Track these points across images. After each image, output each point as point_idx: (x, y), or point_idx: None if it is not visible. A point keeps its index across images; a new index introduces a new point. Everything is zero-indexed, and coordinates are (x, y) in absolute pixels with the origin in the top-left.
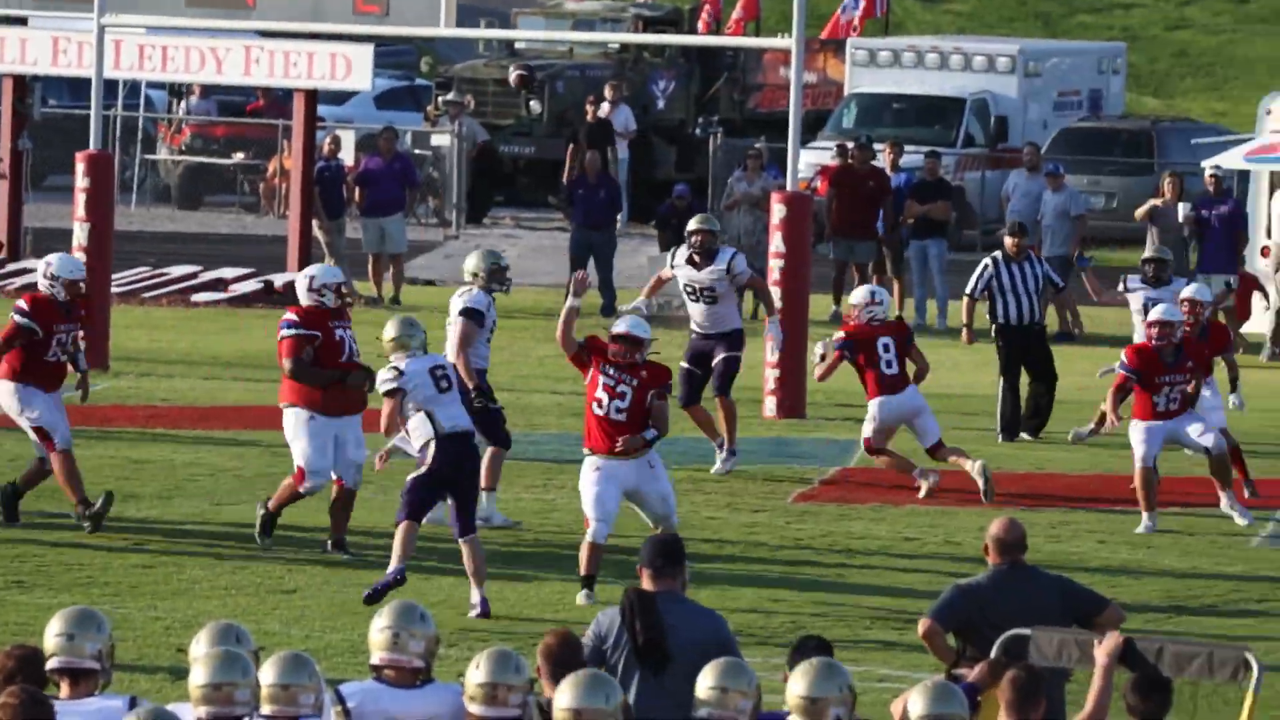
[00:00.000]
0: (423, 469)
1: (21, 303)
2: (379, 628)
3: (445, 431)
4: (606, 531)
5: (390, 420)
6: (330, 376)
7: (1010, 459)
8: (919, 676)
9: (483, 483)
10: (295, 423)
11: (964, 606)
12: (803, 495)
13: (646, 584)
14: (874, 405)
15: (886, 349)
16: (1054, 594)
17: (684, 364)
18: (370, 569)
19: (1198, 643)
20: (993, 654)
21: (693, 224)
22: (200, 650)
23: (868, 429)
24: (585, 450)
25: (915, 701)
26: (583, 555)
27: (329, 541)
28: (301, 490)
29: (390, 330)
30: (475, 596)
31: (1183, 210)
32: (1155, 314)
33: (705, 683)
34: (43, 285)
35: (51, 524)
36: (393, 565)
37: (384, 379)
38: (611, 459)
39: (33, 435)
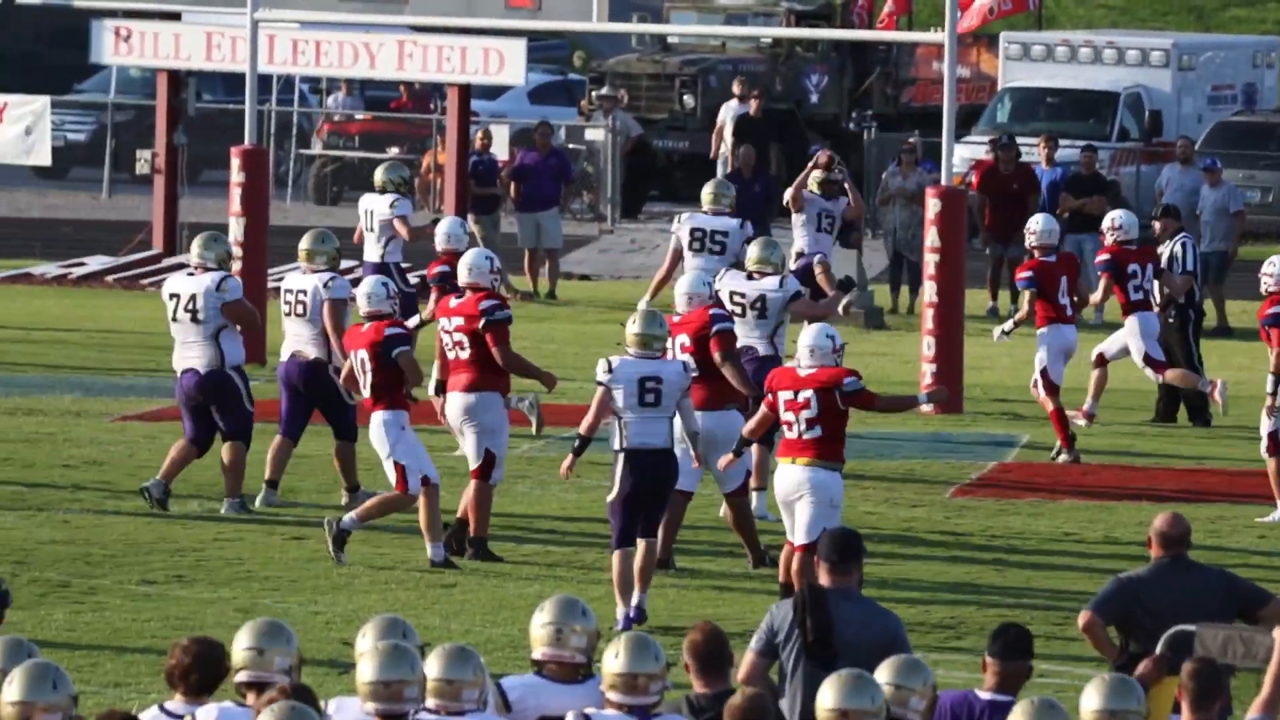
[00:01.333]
0: (615, 492)
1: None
2: (541, 623)
3: (630, 446)
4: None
5: (597, 412)
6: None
7: (1169, 453)
8: (1080, 671)
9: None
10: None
11: (1124, 599)
12: (961, 490)
13: (823, 578)
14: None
15: (1134, 274)
16: (1216, 588)
17: None
18: (525, 564)
19: None
20: (1158, 650)
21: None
22: (367, 645)
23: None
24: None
25: (1091, 696)
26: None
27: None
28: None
29: (634, 327)
30: (636, 599)
31: None
32: None
33: (880, 679)
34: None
35: (211, 518)
36: (623, 607)
37: (599, 369)
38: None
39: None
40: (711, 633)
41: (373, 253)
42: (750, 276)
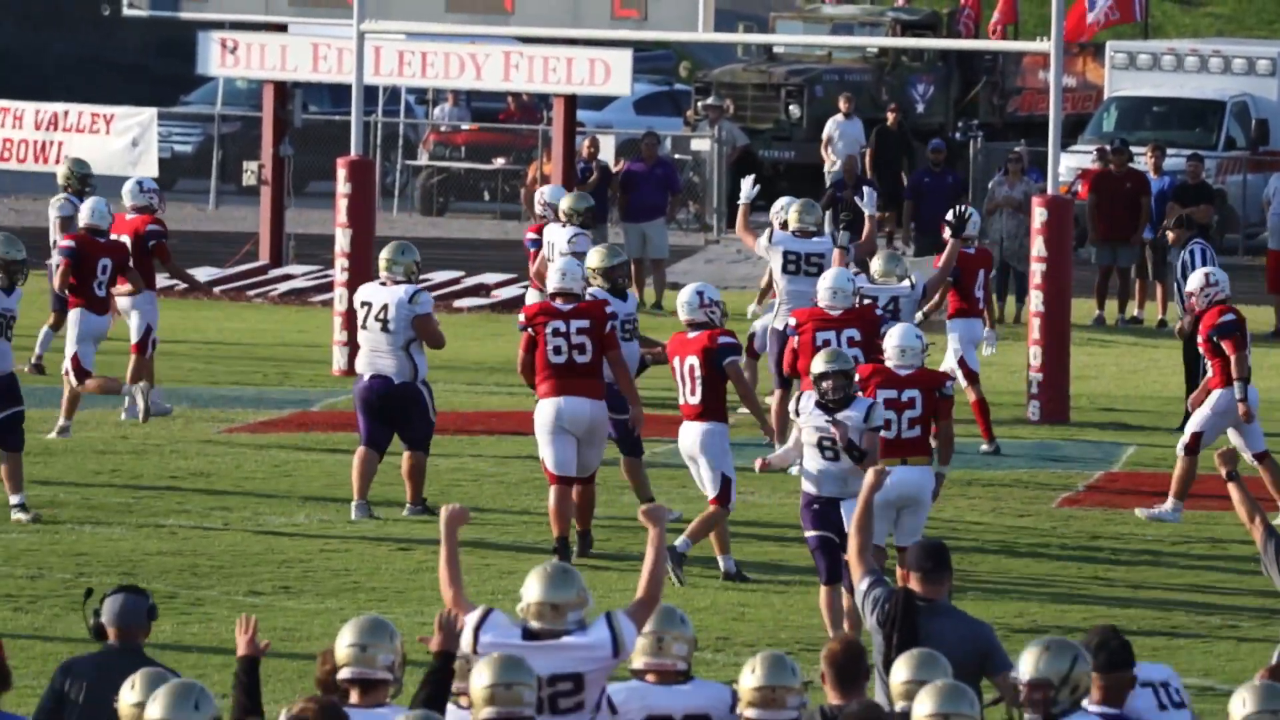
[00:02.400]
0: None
1: None
2: (640, 633)
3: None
4: None
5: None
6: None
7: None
8: (1190, 681)
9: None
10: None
11: None
12: (1067, 500)
13: (915, 587)
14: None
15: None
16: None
17: None
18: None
19: None
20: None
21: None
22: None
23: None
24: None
25: (1242, 700)
26: None
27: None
28: None
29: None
30: None
31: None
32: None
33: (924, 708)
34: None
35: (323, 532)
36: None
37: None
38: None
39: None
40: (849, 644)
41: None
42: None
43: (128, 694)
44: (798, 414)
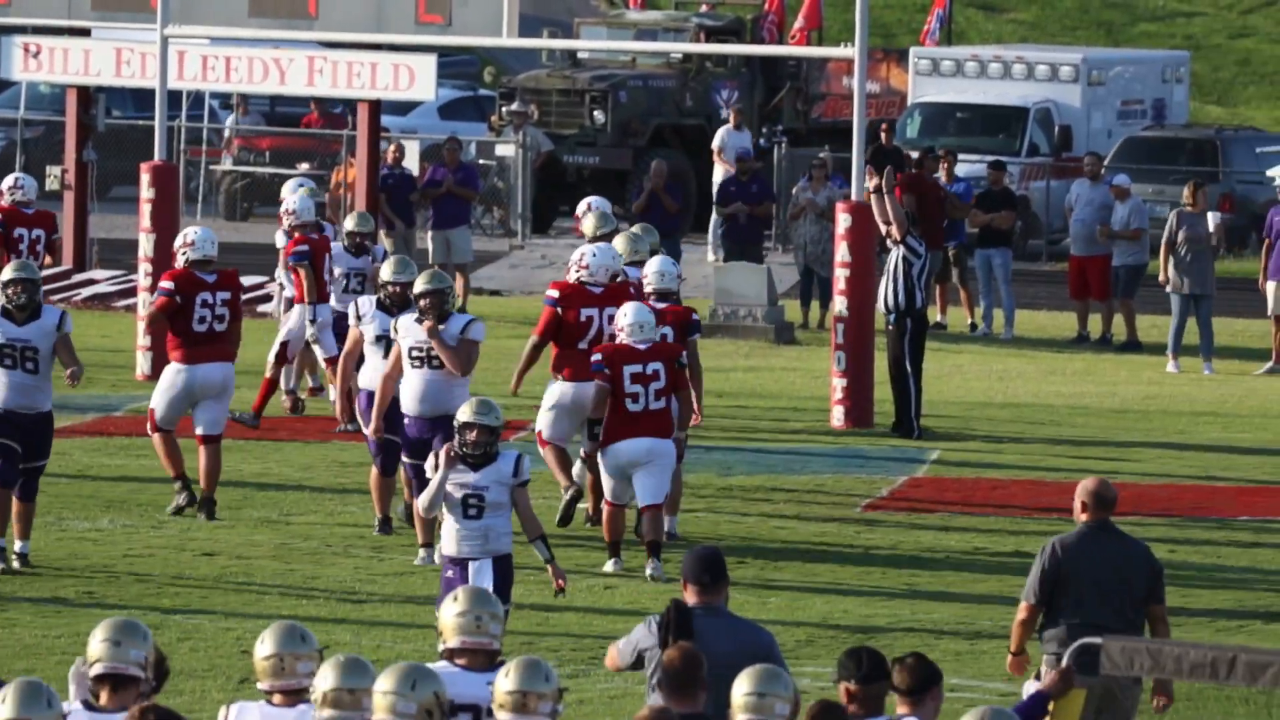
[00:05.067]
0: None
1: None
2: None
3: None
4: None
5: None
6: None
7: (1079, 469)
8: (991, 686)
9: None
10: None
11: (1054, 574)
12: (871, 505)
13: (690, 598)
14: None
15: None
16: (1141, 561)
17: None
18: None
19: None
20: (1064, 662)
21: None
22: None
23: None
24: None
25: None
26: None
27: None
28: None
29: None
30: None
31: (1211, 220)
32: None
33: (741, 689)
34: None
35: (127, 538)
36: None
37: None
38: None
39: None
40: (688, 654)
41: None
42: None
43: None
44: (435, 469)
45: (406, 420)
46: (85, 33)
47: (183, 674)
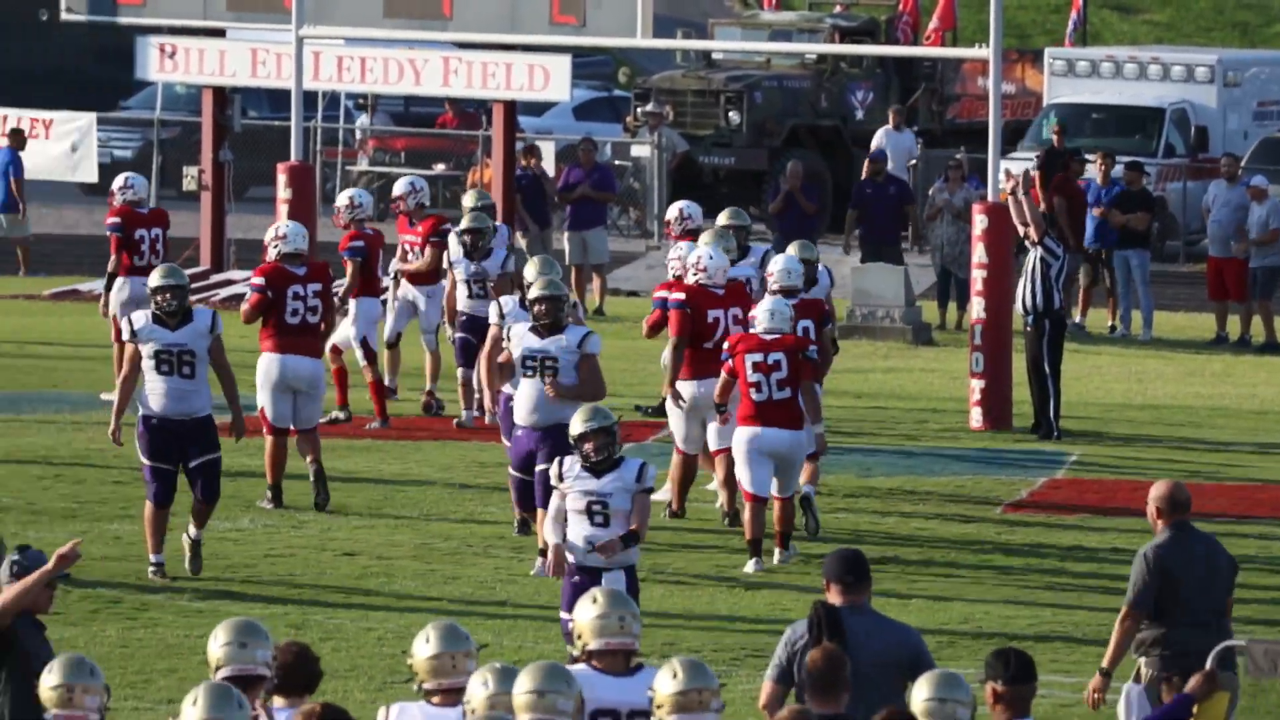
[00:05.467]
0: None
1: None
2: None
3: None
4: None
5: None
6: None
7: (1220, 473)
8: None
9: None
10: None
11: (1158, 580)
12: (1011, 506)
13: (834, 598)
14: None
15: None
16: (1223, 554)
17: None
18: None
19: None
20: (1208, 665)
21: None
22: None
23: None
24: None
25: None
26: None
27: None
28: None
29: None
30: None
31: None
32: None
33: (921, 694)
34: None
35: (268, 537)
36: None
37: None
38: None
39: None
40: (831, 654)
41: None
42: None
43: (47, 678)
44: (560, 479)
45: (518, 431)
46: (221, 33)
47: (325, 674)
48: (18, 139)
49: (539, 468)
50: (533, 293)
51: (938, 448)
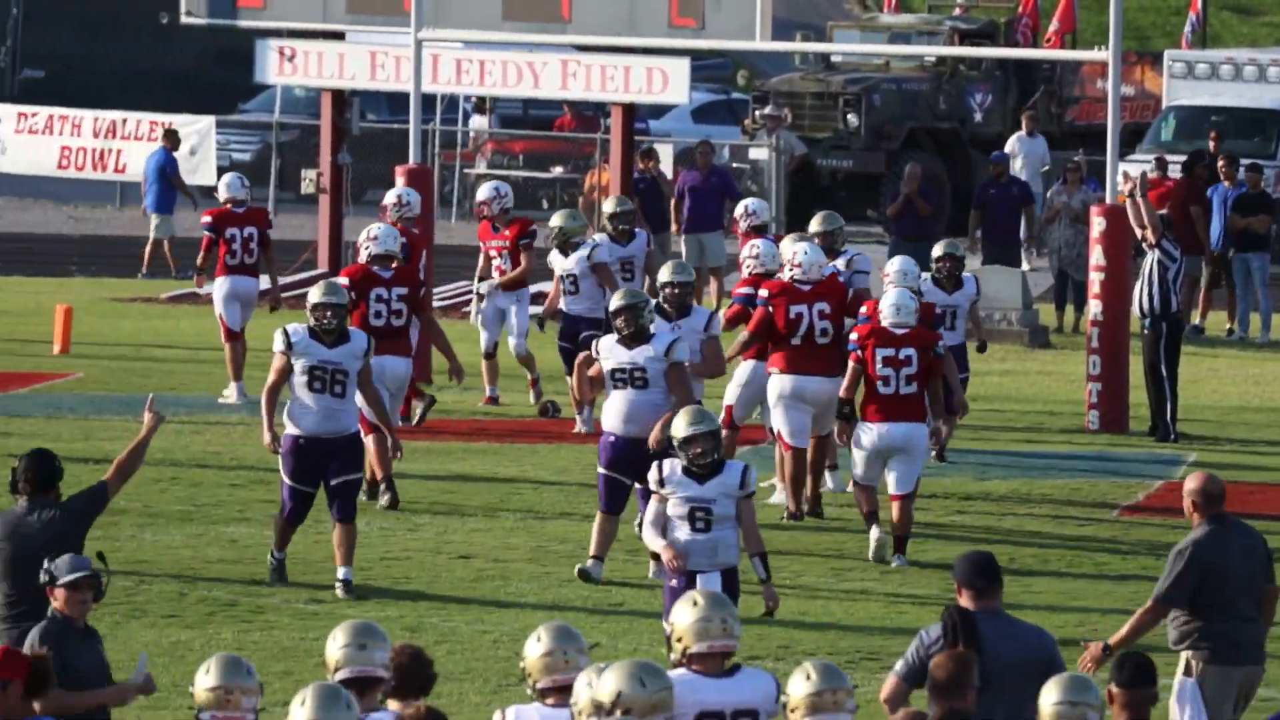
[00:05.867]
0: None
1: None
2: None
3: None
4: None
5: None
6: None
7: None
8: (1261, 693)
9: None
10: None
11: (1194, 574)
12: (1128, 509)
13: (966, 603)
14: None
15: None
16: (1260, 543)
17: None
18: None
19: None
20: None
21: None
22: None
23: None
24: None
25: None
26: None
27: None
28: None
29: None
30: None
31: None
32: None
33: (1051, 698)
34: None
35: (384, 540)
36: None
37: None
38: None
39: None
40: (958, 657)
41: None
42: None
43: (202, 679)
44: (661, 484)
45: (610, 437)
46: (340, 36)
47: (440, 677)
48: (172, 140)
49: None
50: (612, 304)
51: (1054, 451)
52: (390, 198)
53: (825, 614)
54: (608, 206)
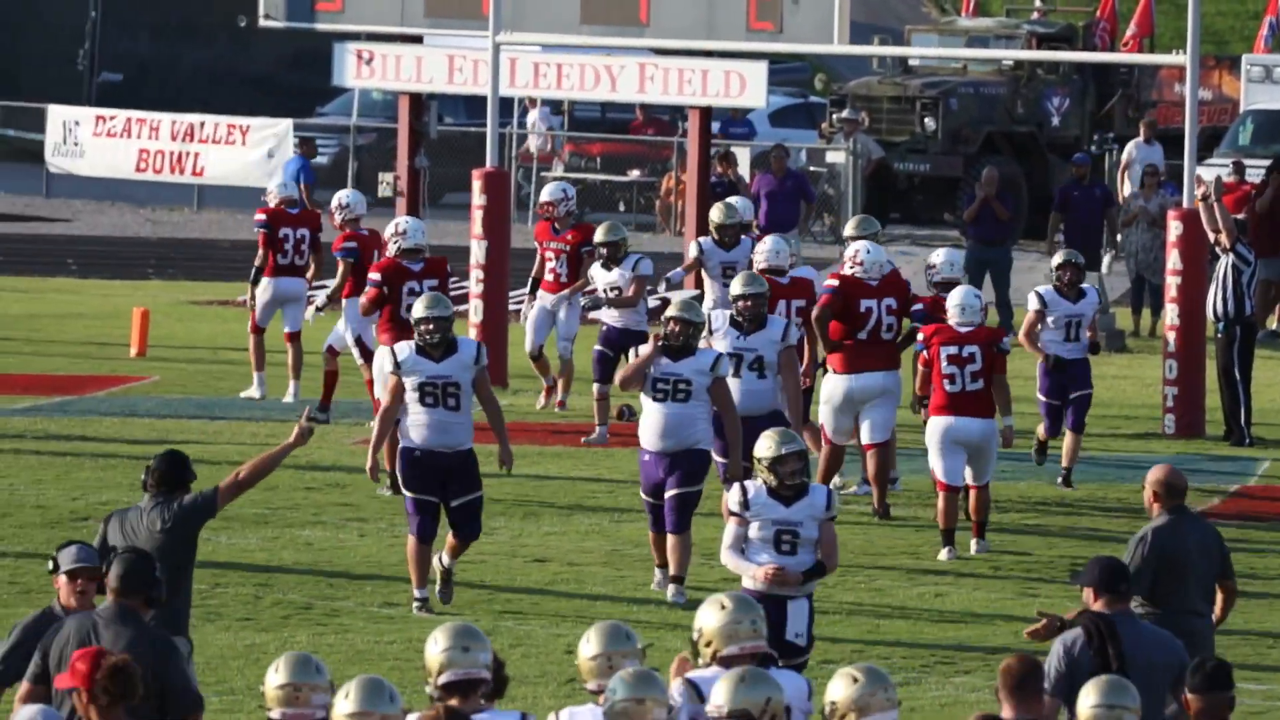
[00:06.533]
0: None
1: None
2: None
3: None
4: None
5: None
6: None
7: None
8: None
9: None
10: None
11: (1154, 564)
12: (1204, 513)
13: (1104, 608)
14: None
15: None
16: (1215, 540)
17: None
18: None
19: None
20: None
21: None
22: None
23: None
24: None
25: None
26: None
27: None
28: None
29: None
30: None
31: None
32: None
33: (1089, 700)
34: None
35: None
36: None
37: None
38: None
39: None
40: (1027, 660)
41: None
42: None
43: (273, 676)
44: (746, 507)
45: (645, 456)
46: (418, 40)
47: (515, 681)
48: (309, 147)
49: (669, 493)
50: (668, 311)
51: (1130, 455)
52: (333, 201)
53: (902, 616)
54: (715, 216)
